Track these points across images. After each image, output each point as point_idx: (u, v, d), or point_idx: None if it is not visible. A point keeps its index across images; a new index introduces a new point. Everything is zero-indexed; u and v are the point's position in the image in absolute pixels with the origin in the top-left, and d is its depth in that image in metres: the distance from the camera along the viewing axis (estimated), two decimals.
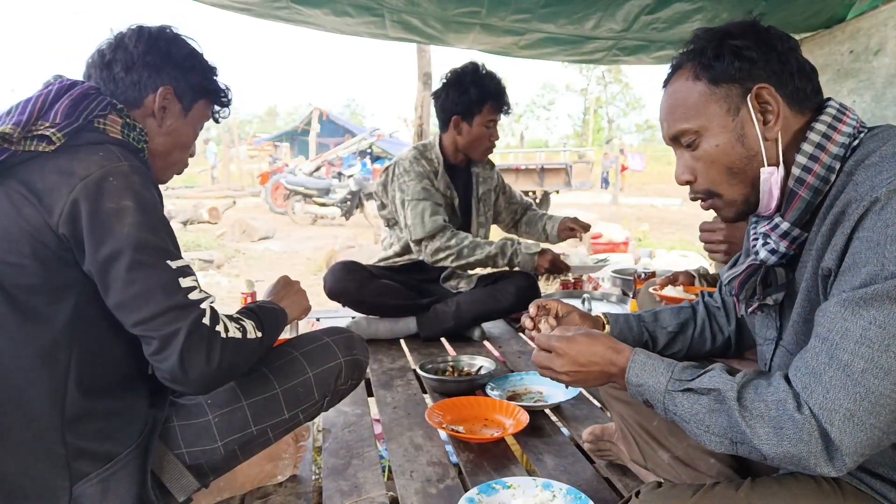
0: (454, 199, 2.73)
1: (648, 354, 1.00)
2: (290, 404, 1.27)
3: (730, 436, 0.87)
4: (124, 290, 0.99)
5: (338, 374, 1.33)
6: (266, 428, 1.25)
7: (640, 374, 0.98)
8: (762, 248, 0.98)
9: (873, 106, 2.36)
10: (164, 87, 1.21)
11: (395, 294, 2.67)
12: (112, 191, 1.00)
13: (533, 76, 79.82)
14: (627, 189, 19.40)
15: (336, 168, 14.23)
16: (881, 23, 2.32)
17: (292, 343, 1.35)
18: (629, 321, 1.30)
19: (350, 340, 1.38)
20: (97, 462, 1.05)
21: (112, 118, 1.11)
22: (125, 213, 1.00)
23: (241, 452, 1.24)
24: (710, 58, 0.96)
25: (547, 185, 12.09)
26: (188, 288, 1.04)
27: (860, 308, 0.78)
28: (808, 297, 0.92)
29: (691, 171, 1.02)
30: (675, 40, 2.88)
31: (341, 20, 2.66)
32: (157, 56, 1.21)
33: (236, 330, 1.09)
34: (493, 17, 2.64)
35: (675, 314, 1.31)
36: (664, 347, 1.30)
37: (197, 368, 1.01)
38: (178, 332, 1.00)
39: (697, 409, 0.90)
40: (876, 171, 0.84)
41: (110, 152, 1.05)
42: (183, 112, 1.25)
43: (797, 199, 0.93)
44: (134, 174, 1.04)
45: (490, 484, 1.38)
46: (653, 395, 0.96)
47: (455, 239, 2.55)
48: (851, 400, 0.77)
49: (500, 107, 2.60)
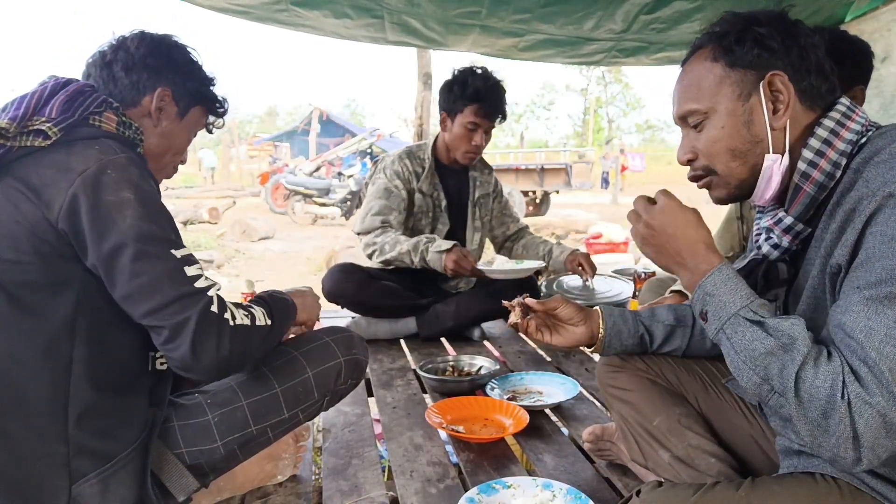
0: (440, 200, 2.72)
1: (736, 273, 0.94)
2: (290, 404, 1.27)
3: (773, 383, 0.85)
4: (131, 282, 1.00)
5: (338, 373, 1.33)
6: (266, 427, 1.24)
7: (717, 285, 0.93)
8: (765, 243, 0.98)
9: (881, 114, 2.37)
10: (163, 88, 1.22)
11: (394, 295, 2.66)
12: (111, 183, 1.00)
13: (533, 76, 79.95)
14: (628, 189, 19.40)
15: (336, 168, 14.23)
16: (884, 27, 2.32)
17: (291, 343, 1.35)
18: (624, 315, 1.30)
19: (350, 340, 1.38)
20: (97, 461, 1.05)
21: (108, 115, 1.12)
22: (126, 205, 1.00)
23: (241, 452, 1.24)
24: (732, 41, 0.97)
25: (547, 185, 12.09)
26: (194, 276, 1.04)
27: (883, 307, 0.78)
28: (815, 294, 0.92)
29: (693, 150, 1.02)
30: (674, 41, 2.88)
31: (341, 22, 2.66)
32: (158, 59, 1.22)
33: (244, 317, 1.09)
34: (492, 18, 2.65)
35: (672, 309, 1.31)
36: (662, 343, 1.30)
37: (208, 355, 1.02)
38: (188, 320, 1.00)
39: (757, 345, 0.87)
40: (887, 167, 0.84)
41: (106, 145, 1.06)
42: (178, 115, 1.27)
43: (802, 193, 0.94)
44: (131, 166, 1.04)
45: (490, 484, 1.38)
46: (718, 310, 0.92)
47: (382, 237, 2.55)
48: (882, 396, 0.76)
49: (483, 111, 2.52)
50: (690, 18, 2.61)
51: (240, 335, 1.07)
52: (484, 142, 2.60)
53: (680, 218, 0.99)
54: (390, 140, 17.17)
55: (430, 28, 2.75)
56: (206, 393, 1.24)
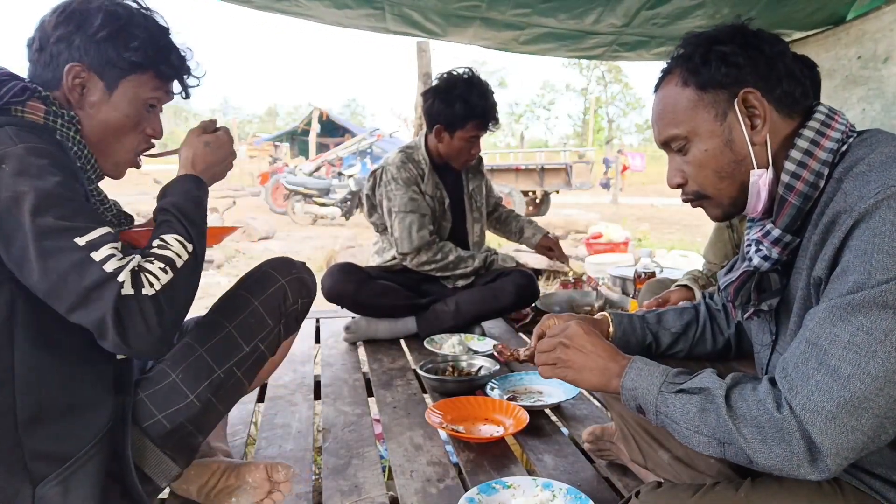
0: (444, 199, 2.74)
1: (646, 361, 1.02)
2: (247, 337, 1.23)
3: (718, 436, 0.88)
4: (42, 281, 0.93)
5: (283, 295, 1.29)
6: (231, 367, 1.21)
7: (635, 379, 0.99)
8: (755, 255, 0.98)
9: (883, 115, 2.35)
10: (72, 63, 1.09)
11: (393, 294, 2.66)
12: (6, 178, 0.93)
13: (533, 76, 79.90)
14: (627, 189, 19.40)
15: (336, 168, 14.22)
16: (886, 27, 2.31)
17: (235, 283, 1.32)
18: (633, 322, 1.30)
19: (288, 262, 1.35)
20: (55, 463, 1.01)
21: (32, 104, 1.04)
22: (22, 200, 0.93)
23: (217, 399, 1.20)
24: (697, 63, 0.97)
25: (547, 185, 12.08)
26: (103, 259, 0.95)
27: (848, 314, 0.80)
28: (805, 306, 0.93)
29: (682, 174, 1.03)
30: (675, 36, 2.88)
31: (341, 13, 2.66)
32: (68, 29, 1.08)
33: (161, 271, 0.99)
34: (493, 11, 2.64)
35: (679, 315, 1.32)
36: (667, 348, 1.30)
37: (142, 339, 0.95)
38: (104, 316, 0.93)
39: (688, 408, 0.91)
40: (864, 180, 0.84)
41: (5, 136, 0.97)
42: (107, 91, 1.12)
43: (787, 205, 0.94)
44: (30, 155, 0.96)
45: (490, 484, 1.38)
46: (646, 397, 0.98)
47: (440, 253, 2.66)
48: (834, 403, 0.78)
49: (484, 125, 2.59)
50: (692, 14, 2.60)
51: (165, 298, 0.98)
52: (479, 148, 2.69)
53: (585, 338, 1.08)
54: (390, 140, 17.15)
55: (431, 20, 2.75)
56: (163, 360, 1.20)
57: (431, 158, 2.71)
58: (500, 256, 2.78)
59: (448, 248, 2.68)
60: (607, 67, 39.91)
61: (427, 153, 2.70)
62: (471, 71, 2.60)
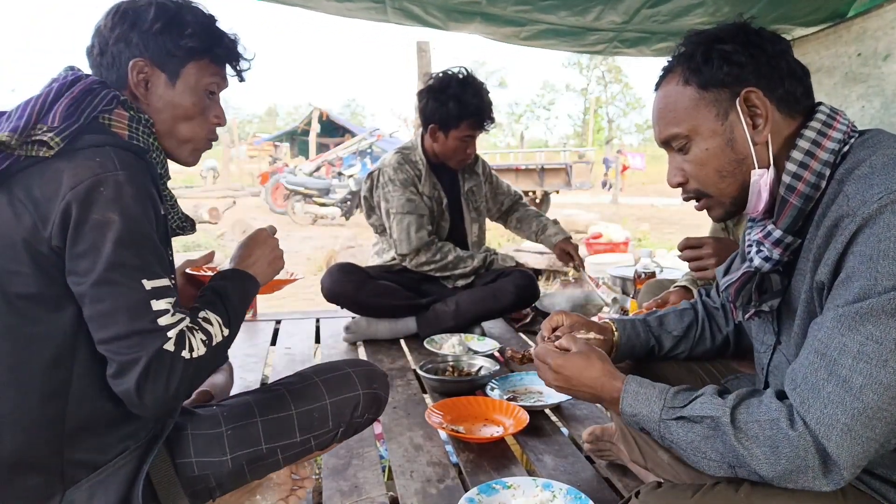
0: (442, 199, 2.74)
1: (640, 382, 1.01)
2: (304, 428, 1.24)
3: (727, 460, 0.88)
4: (91, 306, 0.95)
5: (355, 405, 1.29)
6: (276, 448, 1.21)
7: (633, 405, 0.99)
8: (756, 256, 0.98)
9: (882, 113, 2.34)
10: (134, 59, 1.10)
11: (393, 295, 2.67)
12: (101, 201, 0.95)
13: (533, 76, 79.83)
14: (627, 189, 19.40)
15: (336, 168, 14.22)
16: (888, 24, 2.30)
17: (313, 368, 1.33)
18: (636, 327, 1.30)
19: (371, 374, 1.34)
20: (87, 469, 1.03)
21: (118, 112, 1.07)
22: (108, 227, 0.95)
23: (249, 470, 1.21)
24: (698, 62, 0.96)
25: (547, 185, 12.08)
26: (159, 311, 0.98)
27: (856, 323, 0.79)
28: (808, 309, 0.92)
29: (683, 173, 1.03)
30: (676, 32, 2.88)
31: (342, 5, 2.66)
32: (124, 28, 1.10)
33: (202, 343, 1.03)
34: (493, 7, 2.64)
35: (680, 317, 1.32)
36: (669, 350, 1.31)
37: (152, 396, 0.97)
38: (137, 360, 0.95)
39: (692, 437, 0.91)
40: (867, 184, 0.84)
41: (108, 158, 0.99)
42: (170, 81, 1.14)
43: (788, 206, 0.93)
44: (128, 185, 0.98)
45: (490, 484, 1.38)
46: (648, 424, 0.98)
47: (439, 254, 2.67)
48: (849, 415, 0.78)
49: (478, 124, 2.59)
50: (693, 12, 2.60)
51: (193, 368, 1.00)
52: (475, 147, 2.69)
53: (569, 369, 1.07)
54: (390, 140, 17.16)
55: (431, 14, 2.74)
56: (222, 406, 1.23)
57: (428, 159, 2.71)
58: (499, 256, 2.79)
59: (447, 248, 2.68)
60: (607, 67, 39.96)
61: (424, 153, 2.71)
62: (465, 70, 2.61)
